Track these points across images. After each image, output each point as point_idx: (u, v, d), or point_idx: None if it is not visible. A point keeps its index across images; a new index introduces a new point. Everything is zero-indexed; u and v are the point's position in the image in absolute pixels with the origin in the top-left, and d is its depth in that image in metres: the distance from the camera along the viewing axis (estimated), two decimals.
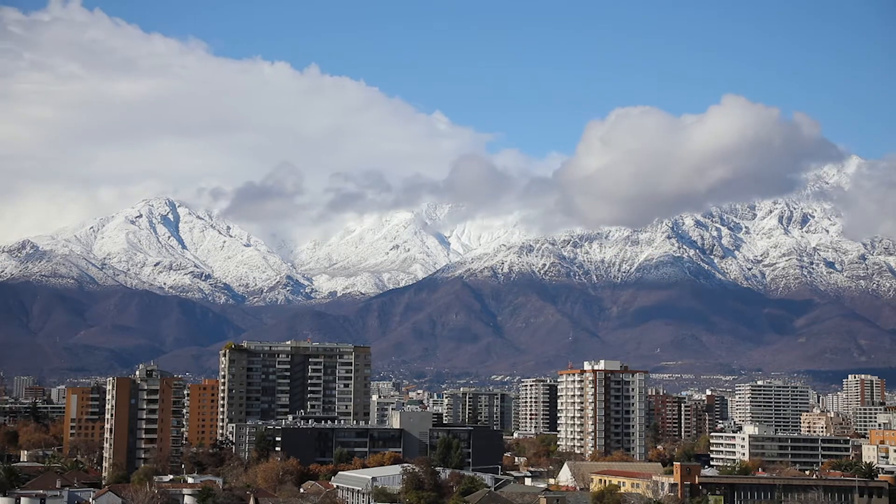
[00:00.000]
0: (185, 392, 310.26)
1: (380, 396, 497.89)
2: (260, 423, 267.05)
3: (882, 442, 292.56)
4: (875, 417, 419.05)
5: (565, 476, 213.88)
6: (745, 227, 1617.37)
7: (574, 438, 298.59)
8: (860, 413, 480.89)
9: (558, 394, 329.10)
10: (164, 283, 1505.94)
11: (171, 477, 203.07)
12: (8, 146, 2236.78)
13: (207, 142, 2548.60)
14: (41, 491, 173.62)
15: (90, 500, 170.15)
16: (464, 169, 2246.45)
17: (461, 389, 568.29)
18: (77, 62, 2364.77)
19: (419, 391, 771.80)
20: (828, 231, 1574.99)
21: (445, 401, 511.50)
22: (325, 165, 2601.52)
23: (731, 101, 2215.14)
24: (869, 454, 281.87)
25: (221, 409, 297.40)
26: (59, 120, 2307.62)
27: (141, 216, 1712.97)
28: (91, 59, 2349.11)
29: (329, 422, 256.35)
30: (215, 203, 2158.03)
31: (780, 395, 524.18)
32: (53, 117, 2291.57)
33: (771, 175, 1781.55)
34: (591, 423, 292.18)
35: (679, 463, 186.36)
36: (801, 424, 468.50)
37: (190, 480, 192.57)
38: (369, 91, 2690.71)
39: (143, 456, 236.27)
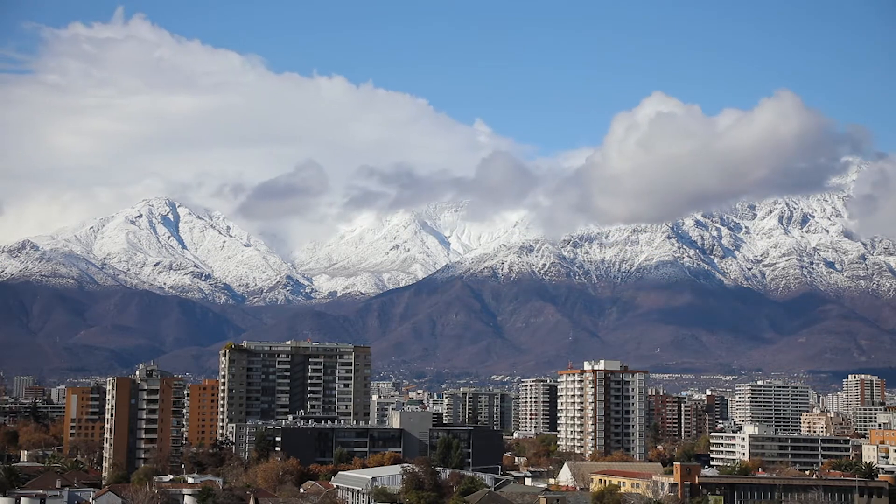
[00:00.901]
0: (185, 392, 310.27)
1: (380, 396, 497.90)
2: (260, 423, 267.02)
3: (882, 442, 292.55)
4: (875, 417, 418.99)
5: (565, 476, 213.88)
6: (745, 227, 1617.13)
7: (574, 438, 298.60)
8: (860, 413, 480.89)
9: (558, 394, 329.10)
10: (164, 283, 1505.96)
11: (171, 477, 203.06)
12: (66, 156, 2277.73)
13: (254, 151, 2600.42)
14: (41, 491, 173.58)
15: (90, 500, 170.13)
16: (491, 166, 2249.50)
17: (461, 389, 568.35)
18: (140, 78, 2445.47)
19: (419, 391, 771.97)
20: (828, 231, 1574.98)
21: (445, 401, 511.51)
22: (353, 163, 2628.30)
23: (782, 96, 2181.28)
24: (869, 454, 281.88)
25: (221, 409, 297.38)
26: (117, 132, 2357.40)
27: (141, 216, 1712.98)
28: (153, 75, 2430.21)
29: (329, 422, 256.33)
30: (235, 198, 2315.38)
31: (780, 395, 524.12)
32: (112, 130, 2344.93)
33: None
34: (591, 423, 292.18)
35: (679, 463, 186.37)
36: (801, 424, 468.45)
37: (190, 480, 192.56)
38: (418, 103, 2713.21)
39: (143, 456, 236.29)
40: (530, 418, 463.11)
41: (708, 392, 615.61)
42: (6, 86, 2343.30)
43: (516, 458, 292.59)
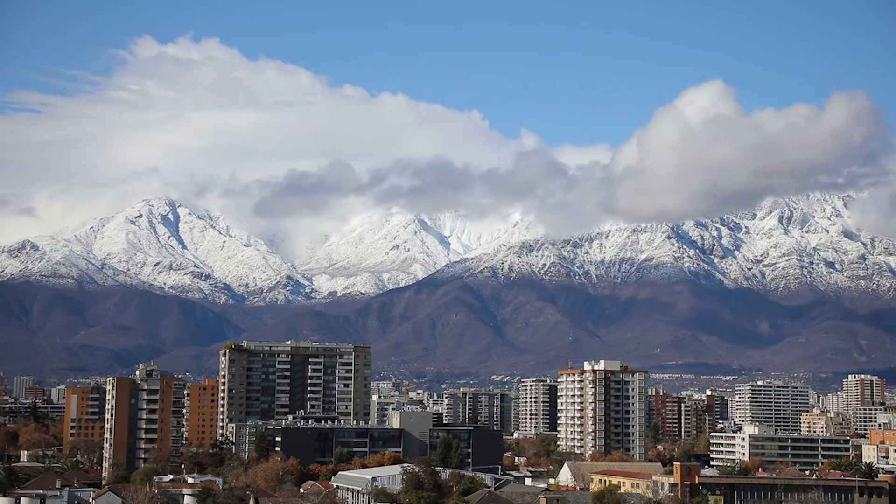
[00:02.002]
0: (185, 392, 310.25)
1: (380, 396, 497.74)
2: (260, 423, 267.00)
3: (882, 442, 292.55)
4: (875, 417, 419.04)
5: (565, 476, 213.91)
6: (745, 227, 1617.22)
7: (574, 438, 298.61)
8: (860, 413, 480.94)
9: (558, 394, 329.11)
10: (164, 283, 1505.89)
11: (171, 477, 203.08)
12: (128, 166, 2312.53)
13: (305, 162, 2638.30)
14: (41, 491, 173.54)
15: (90, 500, 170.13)
16: (526, 165, 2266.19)
17: (461, 389, 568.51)
18: (212, 95, 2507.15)
19: (419, 391, 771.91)
20: (828, 231, 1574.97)
21: (445, 401, 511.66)
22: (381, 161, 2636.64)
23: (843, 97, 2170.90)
24: (869, 454, 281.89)
25: (221, 409, 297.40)
26: (181, 145, 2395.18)
27: (141, 216, 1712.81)
28: (222, 92, 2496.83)
29: (329, 422, 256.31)
30: (259, 192, 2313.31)
31: (780, 395, 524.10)
32: (177, 143, 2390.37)
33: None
34: (591, 423, 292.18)
35: (679, 463, 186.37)
36: (801, 424, 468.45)
37: (190, 480, 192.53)
38: (471, 117, 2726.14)
39: (143, 456, 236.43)
40: (530, 418, 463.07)
41: (708, 392, 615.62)
42: (82, 104, 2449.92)
43: (516, 458, 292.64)
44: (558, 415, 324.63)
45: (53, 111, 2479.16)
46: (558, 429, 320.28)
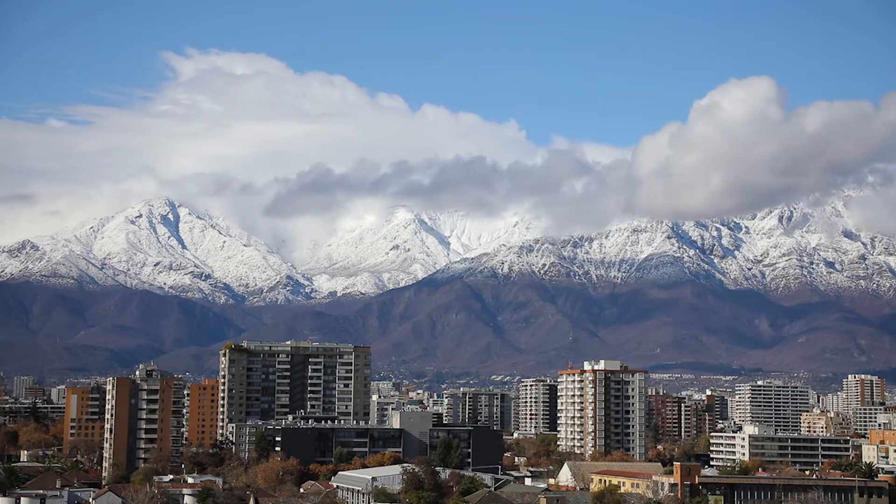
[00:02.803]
0: (185, 392, 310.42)
1: (380, 396, 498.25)
2: (260, 423, 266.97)
3: (882, 442, 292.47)
4: (875, 417, 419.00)
5: (565, 476, 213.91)
6: (745, 227, 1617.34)
7: (574, 438, 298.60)
8: (860, 413, 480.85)
9: (558, 394, 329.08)
10: (164, 283, 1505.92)
11: (171, 477, 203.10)
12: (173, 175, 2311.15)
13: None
14: (41, 491, 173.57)
15: (90, 500, 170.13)
16: (556, 163, 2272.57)
17: (461, 389, 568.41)
18: (256, 107, 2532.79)
19: (419, 391, 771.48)
20: (828, 231, 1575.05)
21: (445, 401, 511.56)
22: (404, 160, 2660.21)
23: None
24: (869, 454, 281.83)
25: (221, 409, 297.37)
26: (222, 154, 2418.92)
27: (141, 216, 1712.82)
28: (267, 104, 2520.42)
29: (329, 422, 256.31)
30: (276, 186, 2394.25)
31: (780, 395, 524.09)
32: (220, 152, 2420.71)
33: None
34: (591, 423, 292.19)
35: (679, 463, 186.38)
36: (801, 424, 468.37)
37: (190, 480, 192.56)
38: (509, 127, 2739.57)
39: (143, 456, 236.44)
40: (530, 418, 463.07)
41: (708, 392, 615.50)
42: (131, 116, 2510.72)
43: (516, 458, 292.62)
44: (558, 415, 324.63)
45: (104, 122, 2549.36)
46: (558, 429, 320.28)
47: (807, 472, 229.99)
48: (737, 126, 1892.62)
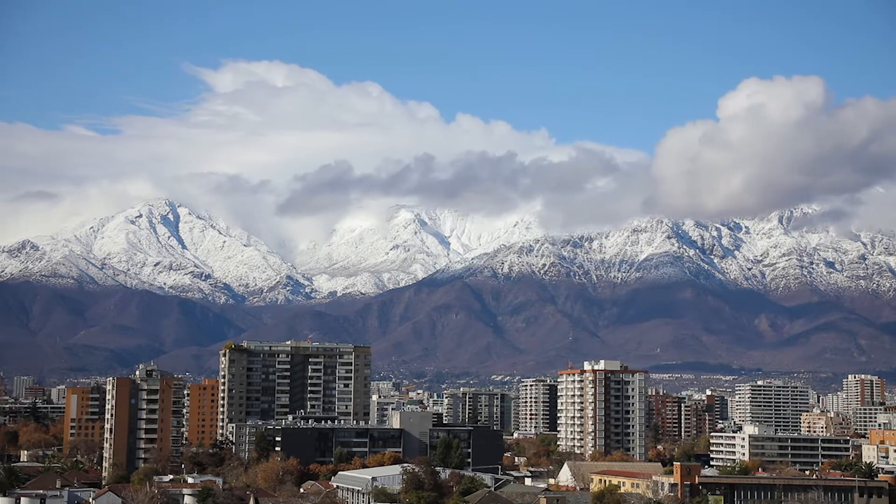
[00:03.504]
0: (185, 392, 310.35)
1: (380, 396, 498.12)
2: (260, 423, 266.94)
3: (882, 442, 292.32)
4: (875, 417, 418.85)
5: (565, 476, 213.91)
6: (745, 227, 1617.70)
7: (574, 438, 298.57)
8: (860, 413, 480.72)
9: (558, 394, 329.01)
10: (164, 283, 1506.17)
11: (171, 477, 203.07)
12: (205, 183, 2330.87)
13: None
14: (41, 491, 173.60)
15: (90, 500, 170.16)
16: (583, 161, 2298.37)
17: (461, 389, 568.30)
18: (293, 118, 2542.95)
19: (419, 391, 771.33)
20: (828, 231, 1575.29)
21: (445, 401, 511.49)
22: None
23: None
24: (869, 454, 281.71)
25: (221, 409, 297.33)
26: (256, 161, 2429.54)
27: (141, 216, 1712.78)
28: (305, 115, 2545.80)
29: (329, 422, 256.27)
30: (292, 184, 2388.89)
31: (780, 395, 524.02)
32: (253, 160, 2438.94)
33: None
34: (591, 423, 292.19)
35: (679, 463, 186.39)
36: (801, 424, 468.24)
37: (190, 480, 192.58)
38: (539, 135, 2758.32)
39: (143, 456, 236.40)
40: (530, 418, 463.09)
41: (708, 392, 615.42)
42: (172, 126, 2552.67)
43: (516, 458, 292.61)
44: (558, 415, 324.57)
45: (147, 132, 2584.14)
46: (558, 429, 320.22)
47: (807, 472, 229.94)
48: (765, 124, 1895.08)
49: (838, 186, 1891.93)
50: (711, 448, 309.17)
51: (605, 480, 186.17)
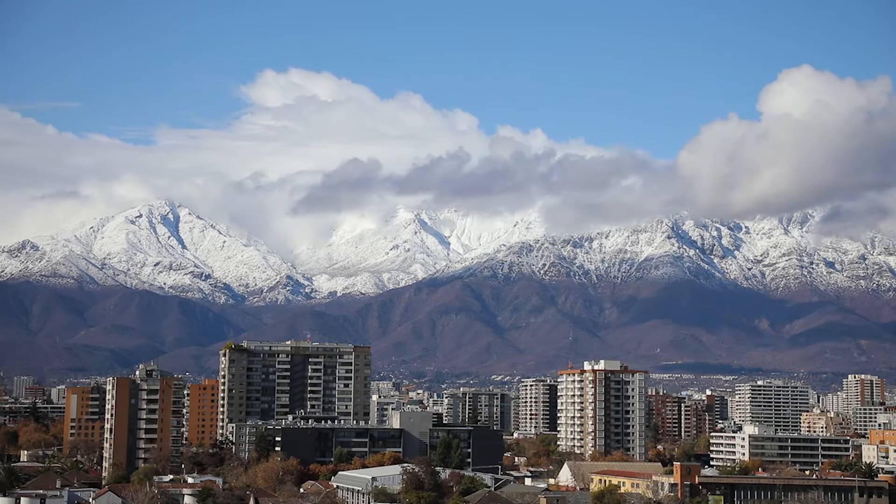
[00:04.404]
0: (185, 392, 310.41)
1: (380, 396, 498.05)
2: (260, 423, 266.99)
3: (882, 442, 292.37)
4: (875, 417, 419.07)
5: (565, 476, 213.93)
6: (745, 227, 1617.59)
7: (574, 438, 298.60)
8: (860, 413, 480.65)
9: (558, 394, 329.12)
10: (164, 283, 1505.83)
11: (171, 477, 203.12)
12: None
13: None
14: (41, 491, 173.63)
15: (90, 500, 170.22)
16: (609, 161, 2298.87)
17: (461, 389, 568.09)
18: (336, 130, 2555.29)
19: (419, 391, 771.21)
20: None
21: (445, 401, 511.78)
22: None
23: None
24: (869, 454, 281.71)
25: (221, 409, 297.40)
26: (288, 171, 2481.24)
27: (141, 216, 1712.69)
28: (352, 130, 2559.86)
29: (329, 422, 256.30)
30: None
31: (780, 395, 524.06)
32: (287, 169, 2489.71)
33: None
34: (591, 423, 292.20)
35: (679, 463, 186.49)
36: (801, 424, 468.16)
37: (190, 480, 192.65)
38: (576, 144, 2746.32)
39: (143, 456, 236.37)
40: (530, 418, 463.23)
41: (708, 392, 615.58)
42: (217, 138, 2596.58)
43: (516, 458, 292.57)
44: (558, 415, 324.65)
45: (193, 142, 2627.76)
46: (558, 429, 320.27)
47: (807, 472, 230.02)
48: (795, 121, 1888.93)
49: (871, 184, 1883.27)
50: (711, 448, 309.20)
51: (605, 480, 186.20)
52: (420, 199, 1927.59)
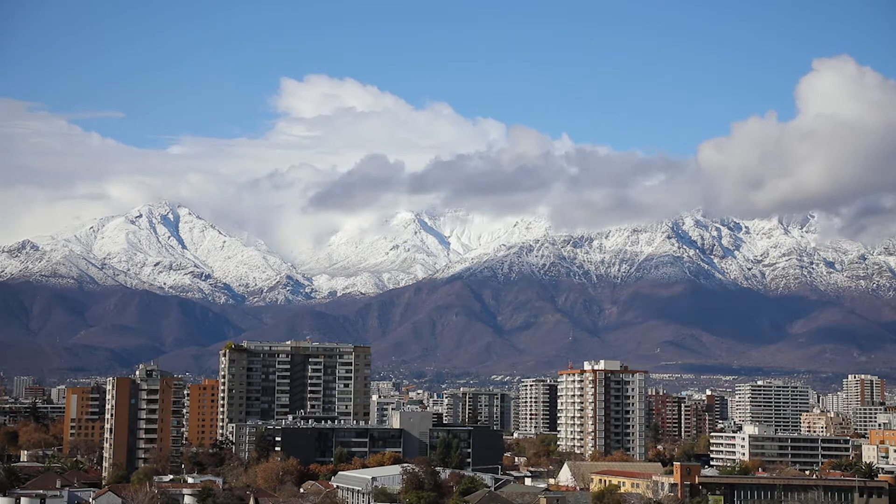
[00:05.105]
0: (185, 392, 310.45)
1: (380, 396, 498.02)
2: (260, 423, 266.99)
3: (882, 442, 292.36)
4: (875, 417, 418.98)
5: (565, 476, 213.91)
6: (745, 227, 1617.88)
7: (574, 438, 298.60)
8: (860, 413, 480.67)
9: (558, 394, 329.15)
10: (164, 283, 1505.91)
11: (171, 477, 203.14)
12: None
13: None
14: (41, 491, 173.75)
15: (90, 500, 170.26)
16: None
17: (461, 389, 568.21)
18: (362, 139, 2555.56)
19: (419, 391, 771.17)
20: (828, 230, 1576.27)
21: (445, 401, 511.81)
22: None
23: None
24: (869, 454, 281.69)
25: (221, 409, 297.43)
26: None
27: (141, 216, 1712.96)
28: (384, 140, 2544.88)
29: (329, 422, 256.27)
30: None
31: (780, 395, 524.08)
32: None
33: None
34: (591, 423, 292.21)
35: (679, 463, 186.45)
36: (801, 424, 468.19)
37: (190, 480, 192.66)
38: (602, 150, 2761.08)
39: (143, 456, 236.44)
40: (530, 418, 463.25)
41: (708, 392, 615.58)
42: (248, 148, 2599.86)
43: (516, 458, 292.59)
44: (558, 415, 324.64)
45: (222, 151, 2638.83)
46: (558, 429, 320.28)
47: (807, 472, 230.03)
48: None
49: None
50: (711, 448, 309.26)
51: (605, 480, 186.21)
52: (433, 198, 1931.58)
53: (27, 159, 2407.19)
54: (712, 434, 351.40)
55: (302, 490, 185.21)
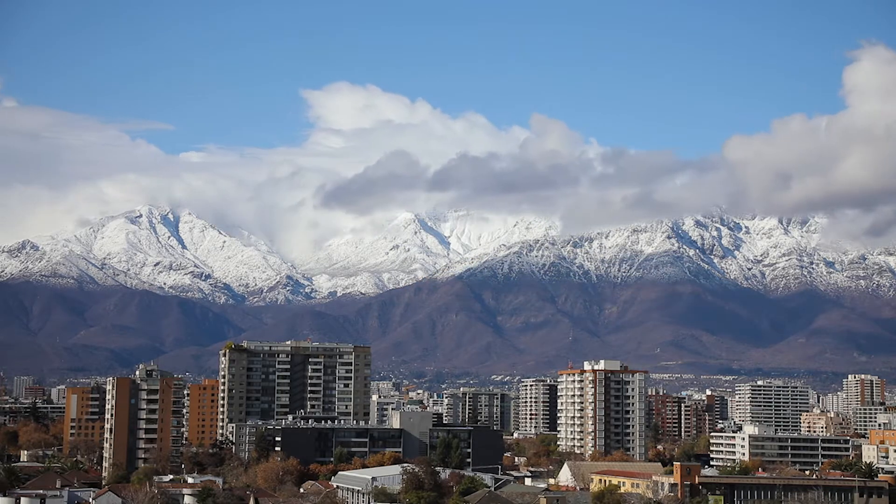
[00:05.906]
0: (185, 392, 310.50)
1: (380, 396, 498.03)
2: (260, 423, 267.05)
3: (882, 442, 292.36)
4: (875, 417, 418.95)
5: (565, 476, 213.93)
6: (745, 227, 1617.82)
7: (574, 438, 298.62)
8: (860, 413, 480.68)
9: (558, 394, 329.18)
10: (164, 283, 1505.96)
11: (171, 477, 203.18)
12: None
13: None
14: (41, 491, 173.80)
15: (90, 500, 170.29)
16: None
17: (461, 389, 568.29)
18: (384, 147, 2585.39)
19: (419, 391, 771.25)
20: (828, 230, 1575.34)
21: (445, 401, 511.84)
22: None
23: None
24: (869, 454, 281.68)
25: (221, 409, 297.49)
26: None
27: (141, 216, 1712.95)
28: (415, 150, 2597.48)
29: (329, 422, 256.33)
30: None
31: (780, 395, 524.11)
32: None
33: None
34: (591, 423, 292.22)
35: (679, 463, 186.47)
36: (801, 424, 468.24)
37: (190, 480, 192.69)
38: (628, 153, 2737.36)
39: (143, 456, 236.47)
40: (530, 418, 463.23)
41: (708, 392, 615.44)
42: (281, 155, 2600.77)
43: (516, 458, 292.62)
44: (558, 415, 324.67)
45: (245, 159, 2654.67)
46: (558, 429, 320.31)
47: (807, 472, 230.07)
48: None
49: None
50: (711, 448, 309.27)
51: (605, 480, 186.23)
52: (451, 196, 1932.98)
53: (27, 159, 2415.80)
54: (712, 434, 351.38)
55: (302, 490, 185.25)
